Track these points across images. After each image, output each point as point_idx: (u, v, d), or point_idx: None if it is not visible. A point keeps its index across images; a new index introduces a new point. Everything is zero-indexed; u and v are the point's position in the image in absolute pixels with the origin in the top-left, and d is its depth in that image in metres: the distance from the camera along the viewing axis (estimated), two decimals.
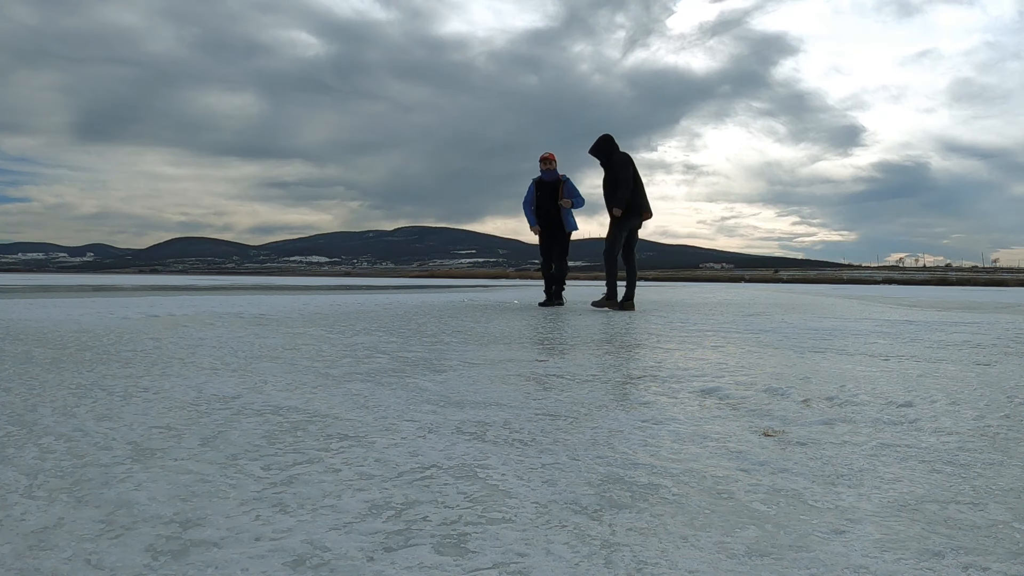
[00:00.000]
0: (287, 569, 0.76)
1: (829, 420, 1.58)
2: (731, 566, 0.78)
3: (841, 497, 1.02)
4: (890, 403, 1.80)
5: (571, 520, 0.92)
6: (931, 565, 0.78)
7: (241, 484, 1.06)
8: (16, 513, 0.93)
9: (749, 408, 1.72)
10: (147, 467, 1.15)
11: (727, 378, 2.21)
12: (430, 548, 0.82)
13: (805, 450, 1.31)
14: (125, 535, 0.85)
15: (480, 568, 0.77)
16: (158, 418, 1.53)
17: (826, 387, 2.05)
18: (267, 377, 2.14)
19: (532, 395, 1.88)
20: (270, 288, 14.37)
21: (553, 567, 0.77)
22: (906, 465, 1.21)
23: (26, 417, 1.52)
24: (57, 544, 0.82)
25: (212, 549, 0.81)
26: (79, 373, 2.16)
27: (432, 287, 18.67)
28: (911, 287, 32.15)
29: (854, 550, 0.82)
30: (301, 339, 3.36)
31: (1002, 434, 1.45)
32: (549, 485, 1.07)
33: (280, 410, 1.64)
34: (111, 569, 0.76)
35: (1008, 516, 0.95)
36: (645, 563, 0.78)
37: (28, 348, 2.80)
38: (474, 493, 1.03)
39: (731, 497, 1.02)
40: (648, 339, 3.53)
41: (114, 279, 28.07)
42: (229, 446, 1.29)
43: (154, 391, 1.87)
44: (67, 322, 4.13)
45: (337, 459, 1.21)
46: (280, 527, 0.88)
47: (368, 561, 0.78)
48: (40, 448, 1.26)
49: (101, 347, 2.87)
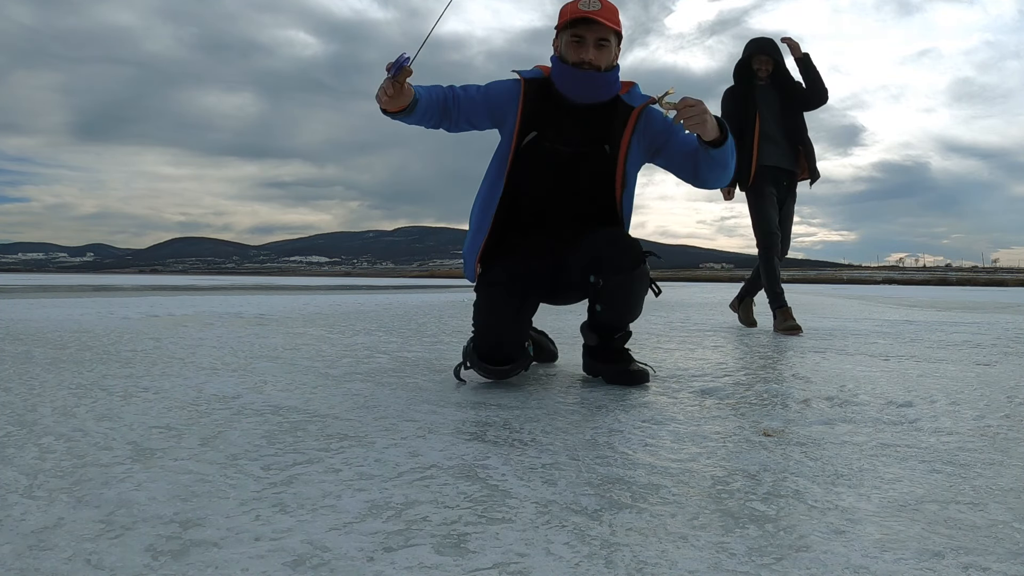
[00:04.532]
0: (287, 569, 0.76)
1: (829, 420, 1.58)
2: (731, 566, 0.78)
3: (841, 497, 1.02)
4: (890, 403, 1.80)
5: (571, 520, 0.92)
6: (931, 565, 0.78)
7: (241, 484, 1.06)
8: (16, 513, 0.92)
9: (749, 408, 1.72)
10: (147, 467, 1.15)
11: (727, 378, 2.21)
12: (430, 548, 0.82)
13: (805, 450, 1.31)
14: (125, 535, 0.85)
15: (480, 568, 0.77)
16: (158, 418, 1.53)
17: (826, 387, 2.05)
18: (267, 377, 2.14)
19: (532, 395, 1.88)
20: (270, 288, 14.36)
21: (553, 567, 0.77)
22: (906, 465, 1.21)
23: (26, 417, 1.52)
24: (57, 544, 0.82)
25: (212, 549, 0.81)
26: (79, 373, 2.16)
27: (432, 287, 18.66)
28: (911, 287, 32.17)
29: (854, 550, 0.82)
30: (301, 339, 3.36)
31: (1002, 434, 1.45)
32: (549, 485, 1.07)
33: (280, 410, 1.64)
34: (111, 569, 0.76)
35: (1008, 516, 0.95)
36: (645, 563, 0.78)
37: (28, 348, 2.79)
38: (474, 493, 1.03)
39: (731, 497, 1.02)
40: (648, 339, 3.53)
41: (114, 279, 28.05)
42: (229, 446, 1.29)
43: (154, 391, 1.87)
44: (67, 322, 4.12)
45: (337, 459, 1.21)
46: (280, 527, 0.88)
47: (368, 561, 0.78)
48: (40, 448, 1.26)
49: (101, 347, 2.87)
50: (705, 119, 1.84)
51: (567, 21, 1.97)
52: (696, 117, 1.83)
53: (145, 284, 17.34)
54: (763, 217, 3.98)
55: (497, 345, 1.99)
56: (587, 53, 1.97)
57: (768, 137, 4.00)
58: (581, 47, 1.98)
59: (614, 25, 1.98)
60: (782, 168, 4.05)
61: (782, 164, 4.05)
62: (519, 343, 2.03)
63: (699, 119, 1.83)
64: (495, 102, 2.07)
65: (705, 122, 1.84)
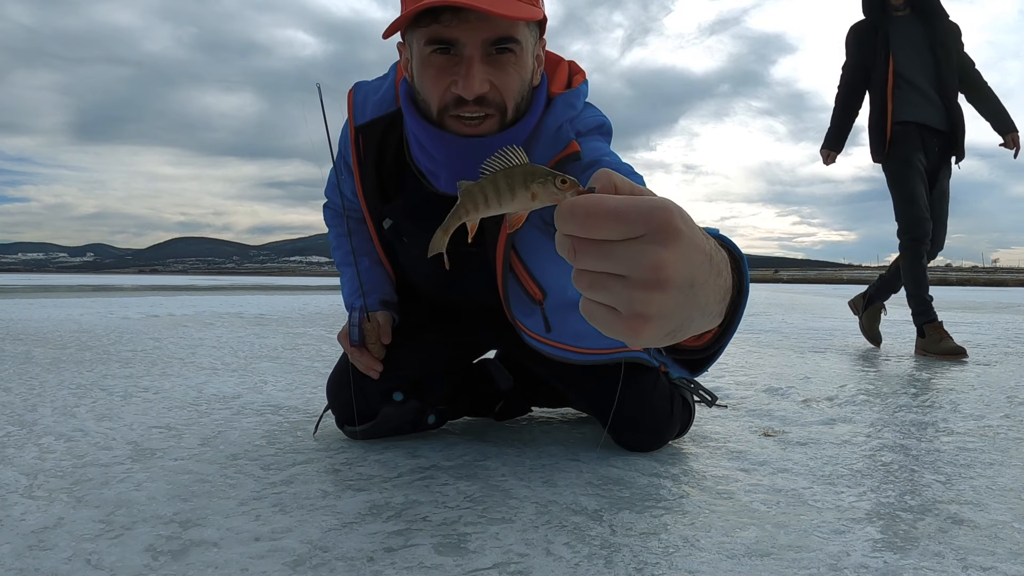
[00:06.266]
0: (287, 569, 0.76)
1: (829, 420, 1.58)
2: (731, 566, 0.78)
3: (841, 497, 1.02)
4: (890, 403, 1.80)
5: (571, 520, 0.92)
6: (931, 565, 0.78)
7: (241, 484, 1.06)
8: (16, 513, 0.93)
9: (749, 408, 1.72)
10: (147, 467, 1.15)
11: (727, 378, 2.21)
12: (430, 548, 0.82)
13: (805, 450, 1.31)
14: (125, 535, 0.85)
15: (480, 568, 0.77)
16: (158, 418, 1.53)
17: (826, 387, 2.05)
18: (267, 377, 2.14)
19: None
20: (270, 288, 14.36)
21: (553, 567, 0.77)
22: (906, 465, 1.21)
23: (26, 417, 1.52)
24: (57, 544, 0.82)
25: (212, 549, 0.81)
26: (79, 373, 2.16)
27: None
28: None
29: (854, 550, 0.82)
30: (301, 339, 3.36)
31: (1002, 434, 1.45)
32: (549, 485, 1.07)
33: (280, 410, 1.64)
34: (111, 569, 0.76)
35: (1008, 516, 0.95)
36: (645, 563, 0.78)
37: (28, 348, 2.79)
38: (474, 493, 1.03)
39: (731, 497, 1.02)
40: None
41: (114, 279, 28.05)
42: (229, 446, 1.29)
43: (154, 391, 1.87)
44: (67, 322, 4.12)
45: (337, 459, 1.21)
46: (280, 527, 0.88)
47: (368, 561, 0.78)
48: (40, 448, 1.26)
49: (101, 347, 2.87)
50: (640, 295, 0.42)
51: (415, 10, 0.93)
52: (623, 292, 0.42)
53: (145, 284, 17.35)
54: (908, 195, 2.88)
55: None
56: (468, 84, 0.96)
57: (909, 84, 2.92)
58: (451, 67, 0.97)
59: (523, 3, 0.94)
60: (931, 127, 2.93)
61: (931, 122, 2.92)
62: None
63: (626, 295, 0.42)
64: (341, 184, 1.30)
65: (635, 302, 0.42)
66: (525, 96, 1.03)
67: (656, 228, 0.41)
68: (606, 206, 0.41)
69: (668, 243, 0.41)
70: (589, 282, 0.43)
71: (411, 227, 1.21)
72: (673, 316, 0.43)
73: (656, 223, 0.41)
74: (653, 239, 0.41)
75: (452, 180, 1.06)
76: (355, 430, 1.32)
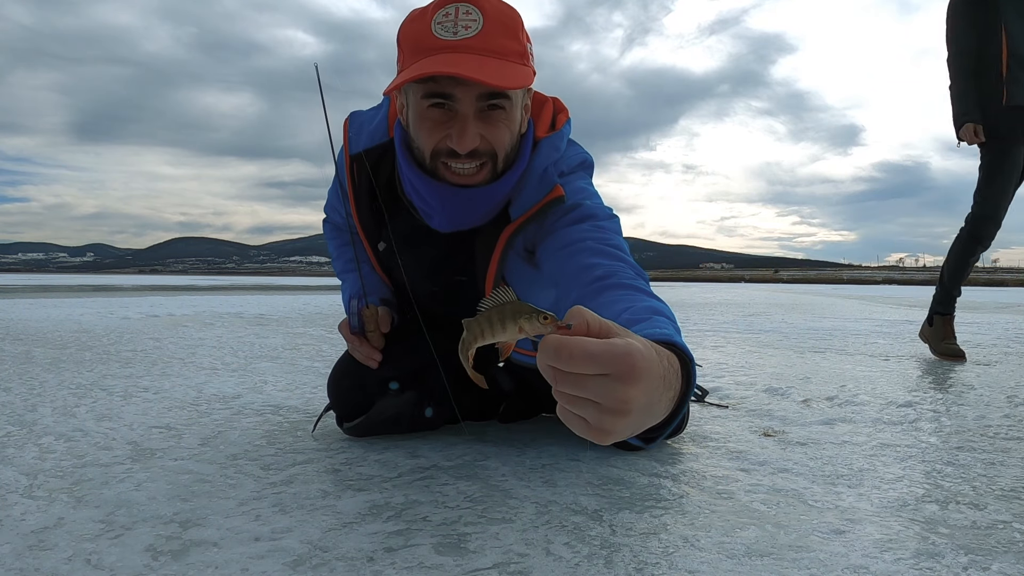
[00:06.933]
0: (287, 569, 0.76)
1: (829, 420, 1.58)
2: (731, 566, 0.78)
3: (841, 497, 1.02)
4: (890, 403, 1.80)
5: (571, 520, 0.92)
6: (931, 565, 0.78)
7: (241, 484, 1.06)
8: (16, 513, 0.93)
9: (749, 408, 1.72)
10: (147, 467, 1.15)
11: (727, 378, 2.21)
12: (430, 548, 0.82)
13: (805, 450, 1.31)
14: (125, 535, 0.85)
15: (480, 568, 0.77)
16: (158, 418, 1.53)
17: (826, 387, 2.05)
18: (267, 377, 2.14)
19: None
20: (270, 288, 14.36)
21: (553, 567, 0.77)
22: (906, 465, 1.21)
23: (26, 417, 1.52)
24: (57, 544, 0.82)
25: (212, 549, 0.81)
26: (79, 373, 2.16)
27: None
28: (911, 287, 32.17)
29: (854, 550, 0.82)
30: (301, 339, 3.36)
31: (1002, 434, 1.45)
32: (549, 485, 1.07)
33: (280, 410, 1.64)
34: (111, 569, 0.76)
35: (1008, 516, 0.95)
36: (645, 563, 0.78)
37: (28, 348, 2.80)
38: (474, 493, 1.03)
39: (731, 497, 1.02)
40: None
41: (114, 279, 28.05)
42: (229, 446, 1.29)
43: (154, 391, 1.87)
44: (67, 322, 4.13)
45: (337, 459, 1.21)
46: (280, 527, 0.88)
47: (368, 561, 0.78)
48: (40, 448, 1.26)
49: (101, 347, 2.87)
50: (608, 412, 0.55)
51: (418, 75, 0.96)
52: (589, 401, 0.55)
53: (145, 284, 17.35)
54: (992, 192, 2.67)
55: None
56: (462, 140, 1.02)
57: (1021, 63, 2.60)
58: (446, 121, 1.03)
59: (517, 68, 1.00)
60: None
61: None
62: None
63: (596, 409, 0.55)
64: (343, 200, 1.34)
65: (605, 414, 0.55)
66: (514, 147, 1.11)
67: (624, 370, 0.52)
68: (585, 350, 0.52)
69: (632, 382, 0.53)
70: (566, 400, 0.55)
71: (404, 248, 1.28)
72: (632, 429, 0.57)
73: (624, 366, 0.52)
74: (620, 378, 0.52)
75: (446, 221, 1.16)
76: (351, 425, 1.33)
